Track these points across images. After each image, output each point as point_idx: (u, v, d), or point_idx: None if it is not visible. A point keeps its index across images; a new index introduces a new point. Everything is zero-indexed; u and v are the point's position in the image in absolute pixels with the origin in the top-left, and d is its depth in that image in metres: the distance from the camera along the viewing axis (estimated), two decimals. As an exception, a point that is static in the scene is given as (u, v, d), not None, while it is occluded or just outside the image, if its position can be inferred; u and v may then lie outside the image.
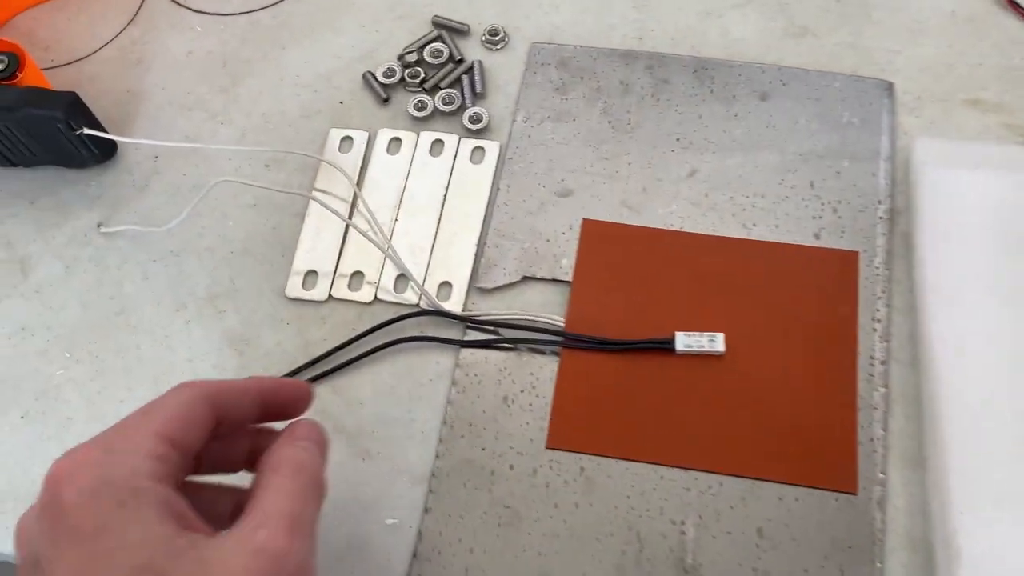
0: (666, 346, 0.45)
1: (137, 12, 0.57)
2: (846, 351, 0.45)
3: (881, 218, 0.48)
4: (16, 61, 0.49)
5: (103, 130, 0.50)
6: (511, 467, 0.44)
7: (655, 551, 0.41)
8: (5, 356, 0.48)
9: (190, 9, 0.57)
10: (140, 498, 0.27)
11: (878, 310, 0.46)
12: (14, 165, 0.52)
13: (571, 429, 0.44)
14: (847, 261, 0.47)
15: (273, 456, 0.32)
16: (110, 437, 0.30)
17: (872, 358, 0.45)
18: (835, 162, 0.49)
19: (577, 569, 0.41)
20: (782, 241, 0.47)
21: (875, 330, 0.45)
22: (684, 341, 0.45)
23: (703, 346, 0.45)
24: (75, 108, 0.48)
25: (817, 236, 0.48)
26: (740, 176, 0.49)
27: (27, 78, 0.50)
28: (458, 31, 0.55)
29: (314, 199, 0.49)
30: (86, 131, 0.49)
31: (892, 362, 0.45)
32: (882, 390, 0.44)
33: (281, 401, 0.35)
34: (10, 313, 0.49)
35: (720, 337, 0.45)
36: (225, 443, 0.34)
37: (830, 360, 0.44)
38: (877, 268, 0.47)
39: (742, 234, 0.48)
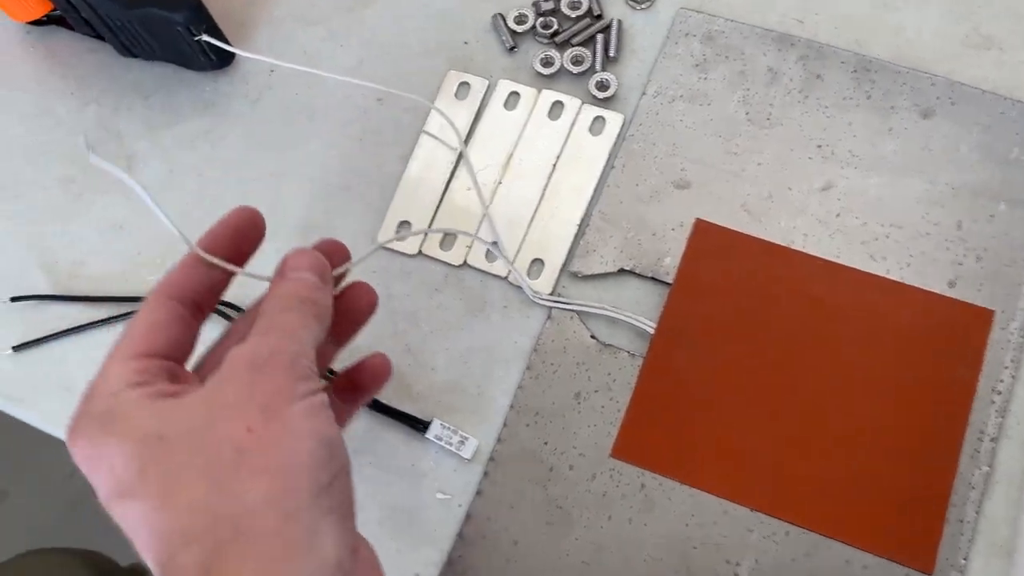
0: (417, 427, 0.43)
1: (275, -91, 0.55)
2: (955, 419, 0.41)
3: (1030, 277, 0.43)
4: (146, -47, 0.48)
5: (223, 39, 0.49)
6: (571, 467, 0.42)
7: (702, 587, 0.40)
8: (99, 251, 0.48)
9: (329, -86, 0.54)
10: (121, 409, 0.28)
11: (1001, 380, 0.41)
12: (134, 56, 0.52)
13: (640, 442, 0.42)
14: (980, 320, 0.42)
15: (265, 297, 0.31)
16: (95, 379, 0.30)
17: (982, 432, 0.41)
18: (991, 203, 0.44)
19: (618, 586, 0.40)
20: (911, 283, 0.43)
21: (993, 402, 0.41)
22: (436, 431, 0.43)
23: (451, 444, 0.43)
24: (197, 13, 0.46)
25: (952, 284, 0.43)
26: (879, 200, 0.45)
27: (156, -29, 0.48)
28: (603, -18, 0.51)
29: (428, 133, 0.47)
30: (205, 38, 0.47)
31: (1003, 439, 0.41)
32: (985, 469, 0.40)
33: (247, 230, 0.34)
34: (112, 208, 0.49)
35: (472, 444, 0.42)
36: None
37: (935, 425, 0.41)
38: (1012, 333, 0.42)
39: (869, 266, 0.44)
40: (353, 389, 0.36)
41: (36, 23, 0.52)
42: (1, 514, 1.21)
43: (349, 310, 0.35)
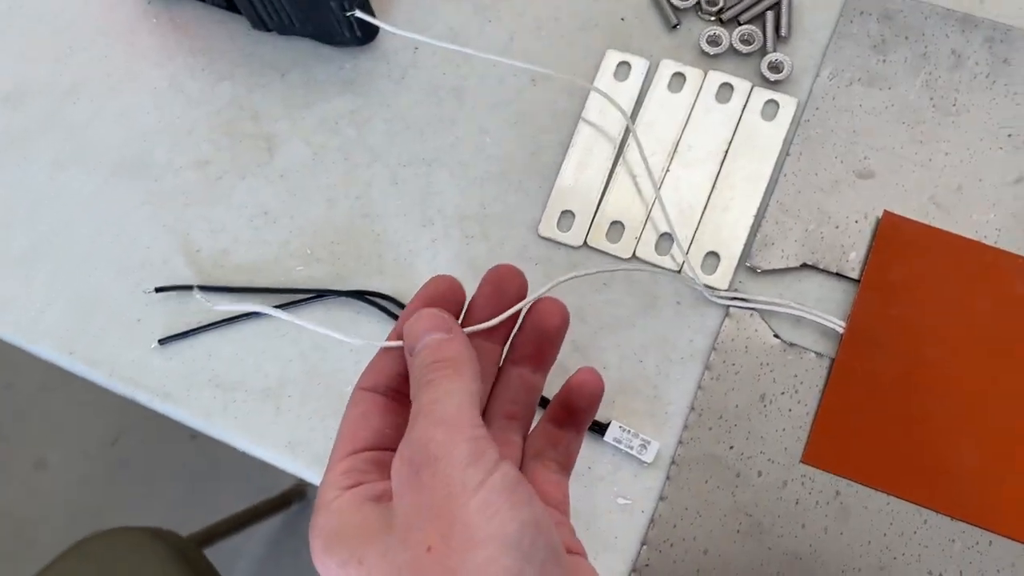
0: (594, 429, 0.41)
1: None
2: None
3: None
4: (292, -81, 0.45)
5: (373, 14, 0.46)
6: (759, 473, 0.41)
7: (906, 600, 0.39)
8: (246, 239, 0.46)
9: None
10: (336, 522, 0.28)
11: None
12: (268, 30, 0.49)
13: (833, 447, 0.40)
14: None
15: None
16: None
17: None
18: None
19: (816, 598, 0.39)
20: (1114, 282, 0.41)
21: None
22: (615, 434, 0.41)
23: (631, 447, 0.41)
24: (352, -12, 0.44)
25: None
26: (1078, 194, 0.43)
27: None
28: (770, -45, 0.48)
29: (586, 121, 0.45)
30: (358, 14, 0.44)
31: None
32: None
33: (444, 301, 0.31)
34: (254, 193, 0.47)
35: (654, 448, 0.41)
36: None
37: None
38: None
39: (1067, 264, 0.42)
40: (569, 414, 0.33)
41: (161, -7, 0.50)
42: (41, 483, 1.20)
43: (539, 331, 0.33)
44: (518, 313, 0.32)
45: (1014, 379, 0.40)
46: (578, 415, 0.33)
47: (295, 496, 1.07)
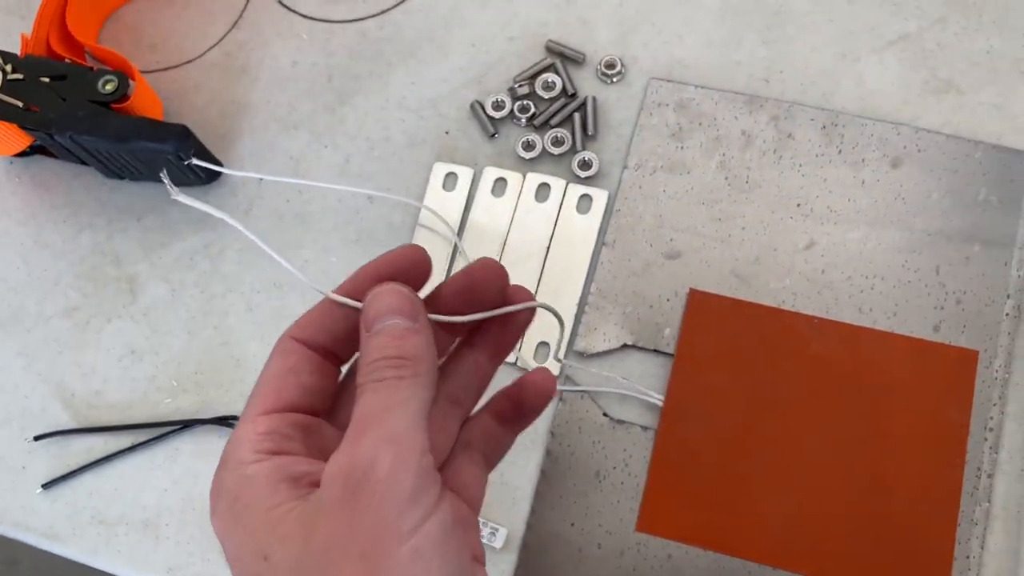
0: None
1: (242, 13, 0.55)
2: (953, 461, 0.43)
3: (1007, 315, 0.45)
4: (126, 82, 0.49)
5: (212, 158, 0.50)
6: (599, 546, 0.44)
7: (736, 649, 0.42)
8: (116, 378, 0.50)
9: (297, 13, 0.55)
10: (247, 491, 0.26)
11: (991, 417, 0.44)
12: (121, 178, 0.52)
13: (662, 514, 0.44)
14: (965, 361, 0.45)
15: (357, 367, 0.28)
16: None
17: (979, 469, 0.43)
18: (965, 246, 0.46)
19: (657, 657, 0.43)
20: (899, 331, 0.46)
21: (986, 439, 0.44)
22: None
23: (482, 535, 0.43)
24: (185, 141, 0.47)
25: (937, 329, 0.45)
26: (861, 253, 0.47)
27: (138, 95, 0.49)
28: (573, 60, 0.52)
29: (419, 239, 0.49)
30: (195, 162, 0.48)
31: (998, 474, 0.44)
32: (985, 505, 0.43)
33: (410, 273, 0.30)
34: (120, 334, 0.50)
35: (502, 534, 0.44)
36: None
37: (935, 468, 0.43)
38: (996, 371, 0.44)
39: (857, 318, 0.46)
40: (515, 410, 0.32)
41: (19, 154, 0.53)
42: (12, 583, 1.21)
43: (506, 323, 0.31)
44: (518, 336, 0.31)
45: (816, 432, 0.44)
46: (523, 413, 0.32)
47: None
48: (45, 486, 0.48)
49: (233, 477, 0.26)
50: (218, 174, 0.51)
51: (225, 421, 0.48)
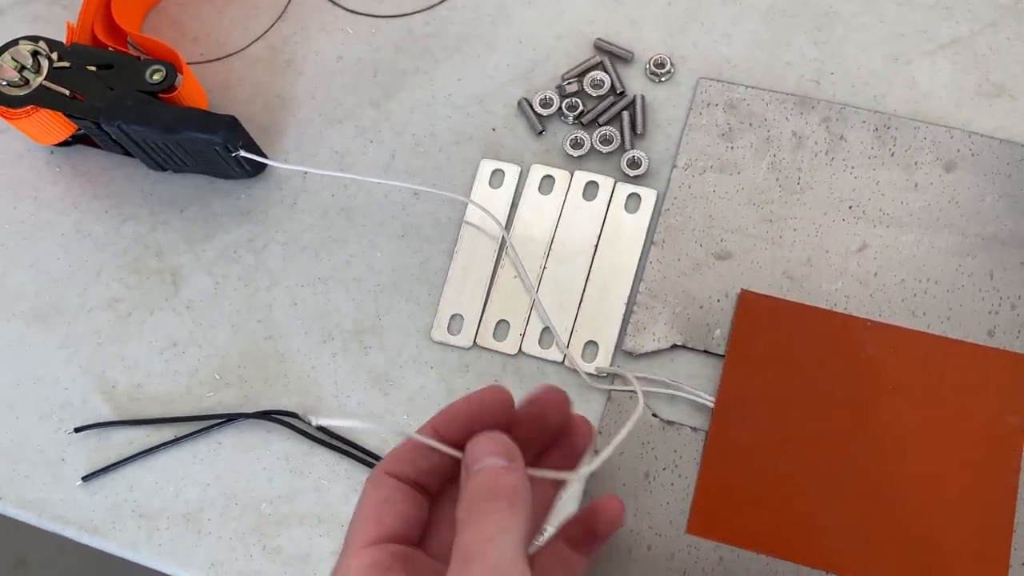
0: None
1: (287, 7, 0.55)
2: (1008, 466, 0.43)
3: (1064, 320, 0.45)
4: (174, 72, 0.48)
5: (258, 151, 0.49)
6: (648, 548, 0.44)
7: (789, 654, 0.42)
8: (158, 372, 0.49)
9: (341, 7, 0.55)
10: None
11: (1048, 423, 0.43)
12: (164, 170, 0.52)
13: (713, 517, 0.44)
14: (1021, 366, 0.44)
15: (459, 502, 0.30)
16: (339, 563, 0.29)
17: (1036, 476, 0.43)
18: (1020, 251, 0.46)
19: (709, 661, 0.42)
20: (952, 335, 0.45)
21: (1042, 445, 0.43)
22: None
23: None
24: (234, 132, 0.47)
25: (991, 334, 0.45)
26: (914, 256, 0.47)
27: (185, 86, 0.49)
28: (621, 58, 0.52)
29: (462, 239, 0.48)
30: (243, 153, 0.48)
31: (1055, 480, 0.43)
32: (1042, 511, 0.42)
33: (477, 425, 0.32)
34: (163, 327, 0.50)
35: (549, 533, 0.40)
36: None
37: (989, 474, 0.43)
38: (1053, 377, 0.44)
39: (910, 322, 0.45)
40: (585, 535, 0.35)
41: (61, 144, 0.53)
42: (18, 584, 1.20)
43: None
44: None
45: (870, 435, 0.44)
46: (595, 539, 0.35)
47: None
48: (85, 479, 0.47)
49: None
50: (263, 167, 0.51)
51: (269, 415, 0.47)
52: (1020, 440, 0.43)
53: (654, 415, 0.46)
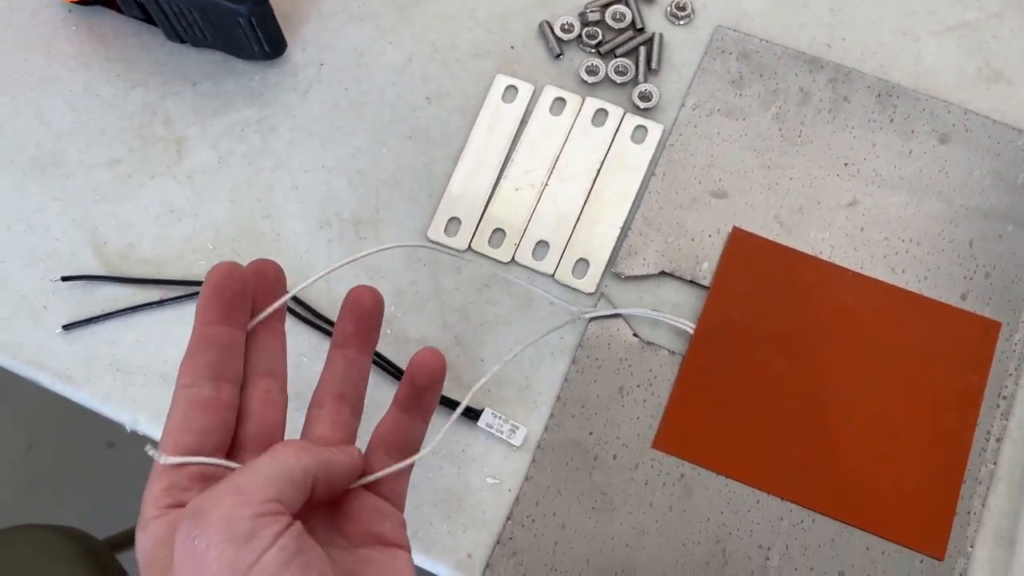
0: (468, 415, 0.45)
1: (323, -96, 0.56)
2: (965, 421, 0.45)
3: (1032, 294, 0.47)
4: (207, -58, 0.48)
5: (280, 32, 0.50)
6: (614, 456, 0.45)
7: (738, 570, 0.43)
8: (151, 235, 0.49)
9: (377, -89, 0.55)
10: (151, 551, 0.30)
11: (1006, 386, 0.46)
12: (182, 42, 0.52)
13: (679, 434, 0.45)
14: (988, 330, 0.46)
15: None
16: (229, 490, 0.29)
17: (988, 433, 0.45)
18: (1000, 225, 0.48)
19: (659, 569, 0.43)
20: (927, 295, 0.47)
21: (998, 406, 0.45)
22: (487, 420, 0.45)
23: (502, 432, 0.45)
24: (260, 6, 0.47)
25: (964, 297, 0.47)
26: (900, 217, 0.48)
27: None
28: (644, -3, 0.53)
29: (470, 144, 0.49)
30: (265, 31, 0.48)
31: (1006, 440, 0.45)
32: (990, 466, 0.44)
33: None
34: (162, 192, 0.50)
35: (522, 432, 0.45)
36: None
37: (947, 426, 0.45)
38: (1015, 344, 0.46)
39: (889, 278, 0.47)
40: (414, 395, 0.36)
41: (81, 2, 0.53)
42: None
43: (356, 313, 0.36)
44: (372, 326, 0.37)
45: (836, 377, 0.46)
46: (422, 396, 0.36)
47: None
48: (66, 327, 0.47)
49: (141, 537, 0.30)
50: (281, 50, 0.52)
51: (259, 288, 0.47)
52: (978, 398, 0.45)
53: (635, 335, 0.47)
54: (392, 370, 0.46)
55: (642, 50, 0.52)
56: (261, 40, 0.49)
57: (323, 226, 0.49)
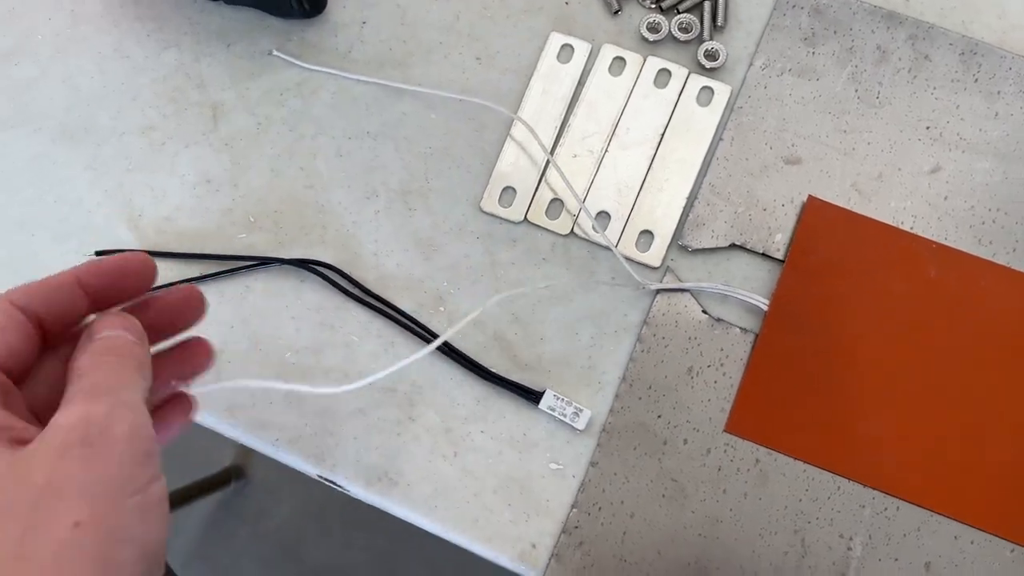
0: (529, 397, 0.43)
1: None
2: (1059, 403, 0.42)
3: None
4: None
5: (321, -13, 0.46)
6: (685, 441, 0.43)
7: (818, 560, 0.41)
8: (188, 207, 0.46)
9: None
10: None
11: (1102, 365, 0.43)
12: (216, 0, 0.49)
13: (754, 418, 0.43)
14: (1083, 306, 0.43)
15: (75, 357, 0.29)
16: None
17: (1083, 415, 0.42)
18: (1094, 192, 0.45)
19: (735, 560, 0.41)
20: (1017, 268, 0.44)
21: (1094, 386, 0.42)
22: (549, 402, 0.43)
23: (564, 415, 0.42)
24: (301, -40, 0.44)
25: (1056, 271, 0.44)
26: (987, 184, 0.45)
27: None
28: (709, -52, 0.49)
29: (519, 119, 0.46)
30: (306, -14, 0.45)
31: (1101, 423, 0.42)
32: (1085, 451, 0.42)
33: (120, 285, 0.32)
34: (198, 161, 0.47)
35: (586, 416, 0.42)
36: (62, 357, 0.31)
37: (1039, 408, 0.42)
38: (1112, 320, 0.43)
39: (975, 249, 0.44)
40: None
41: (107, -42, 0.49)
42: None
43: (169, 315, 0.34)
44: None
45: (922, 356, 0.43)
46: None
47: (234, 474, 1.07)
48: (102, 306, 0.45)
49: None
50: (321, 8, 0.48)
51: (306, 264, 0.45)
52: (1072, 378, 0.42)
53: (704, 312, 0.44)
54: (463, 360, 0.44)
55: (707, 5, 0.48)
56: (301, -3, 0.46)
57: (369, 196, 0.46)
